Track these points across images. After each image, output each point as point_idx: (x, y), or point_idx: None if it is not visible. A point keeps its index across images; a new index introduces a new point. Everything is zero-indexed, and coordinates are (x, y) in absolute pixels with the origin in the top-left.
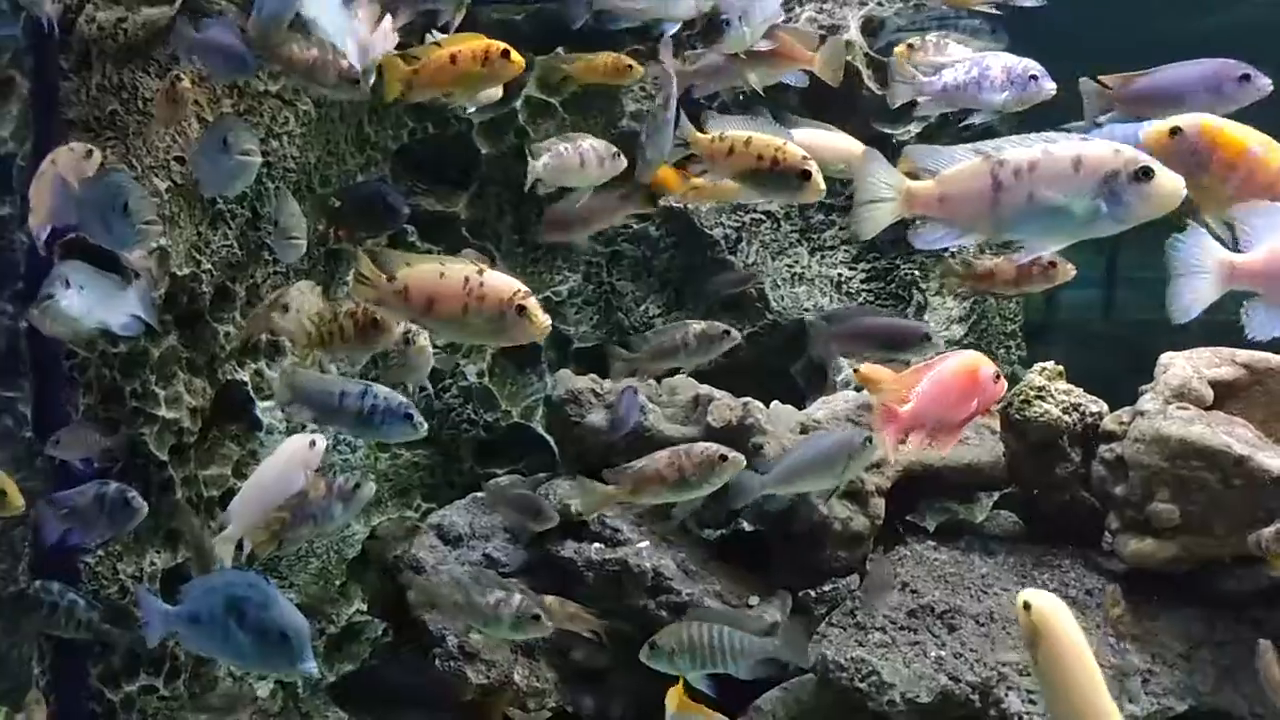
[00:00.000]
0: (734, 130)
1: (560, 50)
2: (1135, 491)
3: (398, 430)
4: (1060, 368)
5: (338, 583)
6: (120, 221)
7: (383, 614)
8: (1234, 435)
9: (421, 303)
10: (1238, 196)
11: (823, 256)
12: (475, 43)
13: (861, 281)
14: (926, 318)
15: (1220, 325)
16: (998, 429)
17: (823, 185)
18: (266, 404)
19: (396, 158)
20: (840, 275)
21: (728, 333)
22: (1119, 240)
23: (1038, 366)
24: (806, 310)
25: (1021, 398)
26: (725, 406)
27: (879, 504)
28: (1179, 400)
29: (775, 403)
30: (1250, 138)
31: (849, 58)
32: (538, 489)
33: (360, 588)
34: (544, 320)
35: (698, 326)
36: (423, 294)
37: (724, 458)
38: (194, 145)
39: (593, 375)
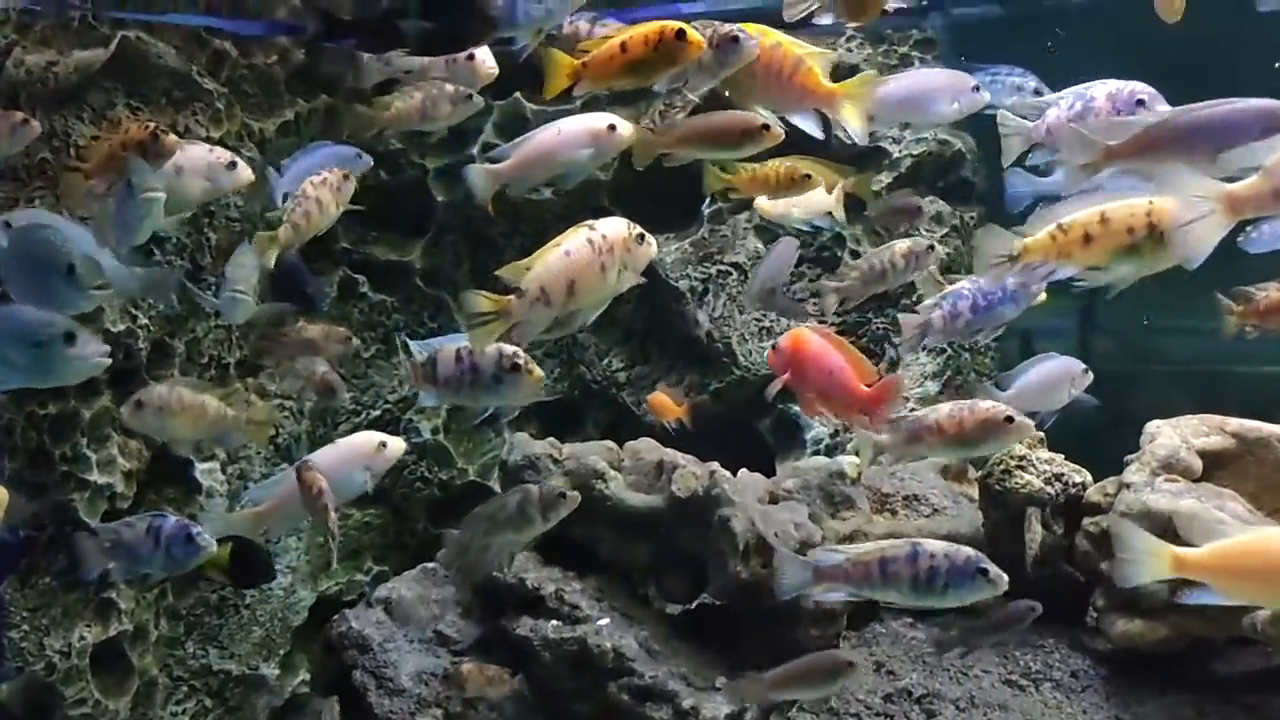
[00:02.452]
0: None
1: (519, 95)
2: None
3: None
4: (1041, 434)
5: (281, 653)
6: (64, 284)
7: (327, 691)
8: (1225, 510)
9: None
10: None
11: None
12: (645, 27)
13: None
14: (899, 374)
15: (1206, 375)
16: (976, 498)
17: None
18: (207, 465)
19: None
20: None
21: (932, 248)
22: (1095, 289)
23: None
24: None
25: (1001, 467)
26: (690, 475)
27: None
28: (1166, 472)
29: (743, 471)
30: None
31: None
32: (491, 549)
33: (307, 658)
34: None
35: (903, 245)
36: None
37: (1010, 420)
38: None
39: (551, 440)
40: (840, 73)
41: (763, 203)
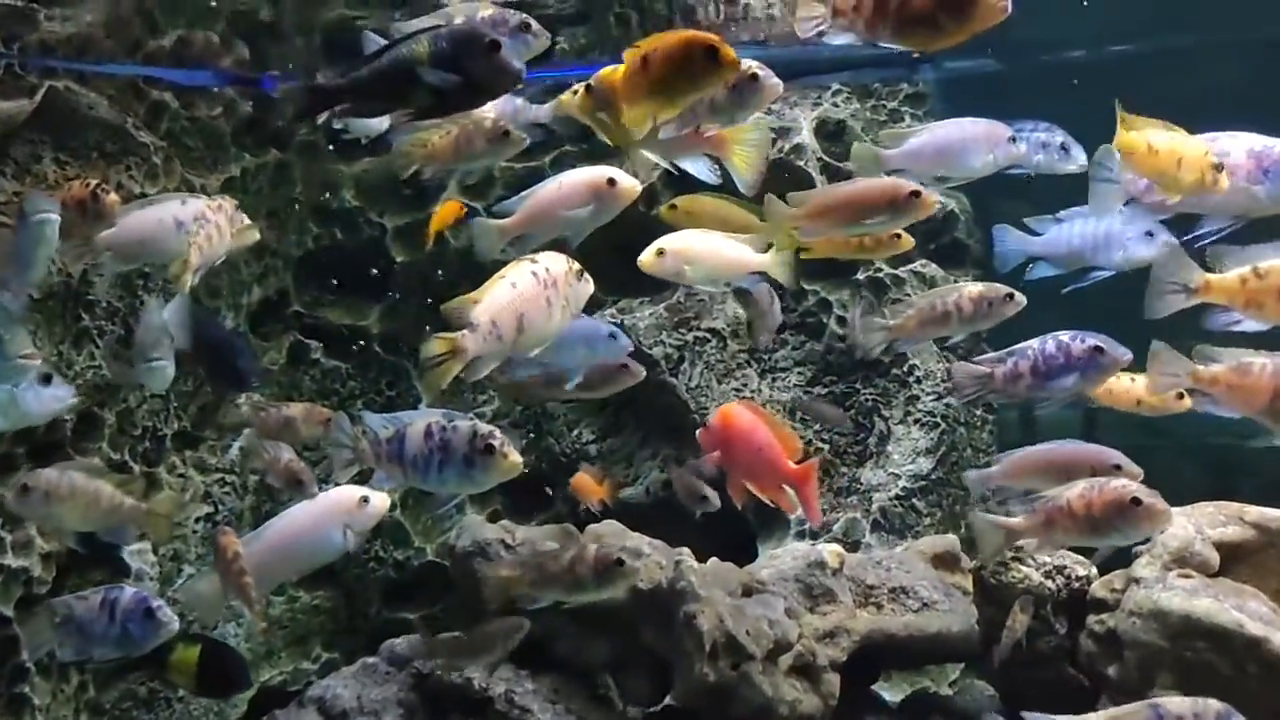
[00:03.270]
0: None
1: None
2: (1132, 674)
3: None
4: None
5: None
6: None
7: None
8: (1246, 610)
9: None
10: None
11: (774, 379)
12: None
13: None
14: (890, 449)
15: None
16: (970, 590)
17: None
18: (137, 547)
19: (300, 266)
20: (794, 400)
21: (1011, 296)
22: None
23: None
24: None
25: (997, 558)
26: (654, 565)
27: (833, 681)
28: (1179, 565)
29: (713, 560)
30: None
31: (801, 162)
32: (436, 651)
33: None
34: None
35: (974, 288)
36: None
37: (1136, 501)
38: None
39: (504, 523)
40: (827, 129)
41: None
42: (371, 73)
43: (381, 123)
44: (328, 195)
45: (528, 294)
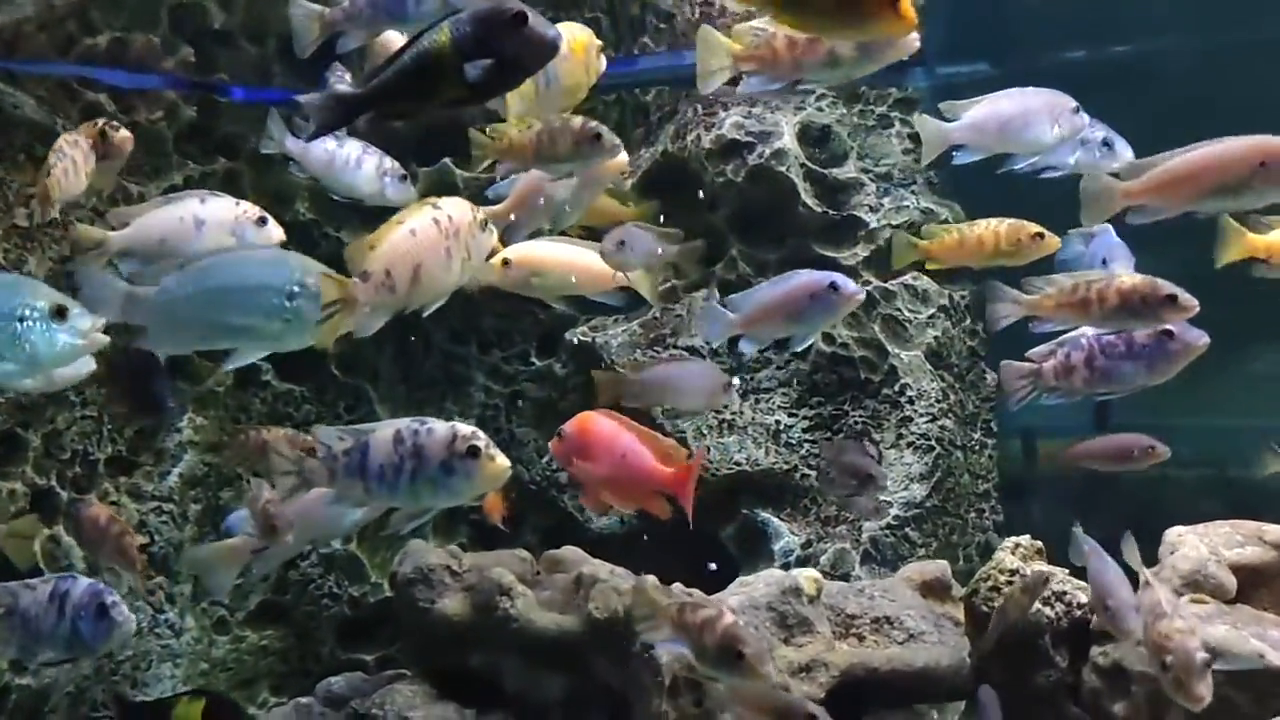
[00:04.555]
0: None
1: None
2: (1141, 712)
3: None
4: (1039, 545)
5: None
6: None
7: None
8: (1267, 640)
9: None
10: None
11: (757, 401)
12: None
13: (804, 430)
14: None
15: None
16: (961, 622)
17: None
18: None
19: None
20: (778, 423)
21: (1174, 298)
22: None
23: (1009, 542)
24: (738, 464)
25: (990, 584)
26: (611, 592)
27: None
28: (1192, 590)
29: (677, 586)
30: None
31: (782, 169)
32: (375, 693)
33: None
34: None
35: (1132, 280)
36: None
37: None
38: None
39: (451, 548)
40: (812, 134)
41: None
42: (397, 74)
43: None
44: (279, 207)
45: (427, 242)
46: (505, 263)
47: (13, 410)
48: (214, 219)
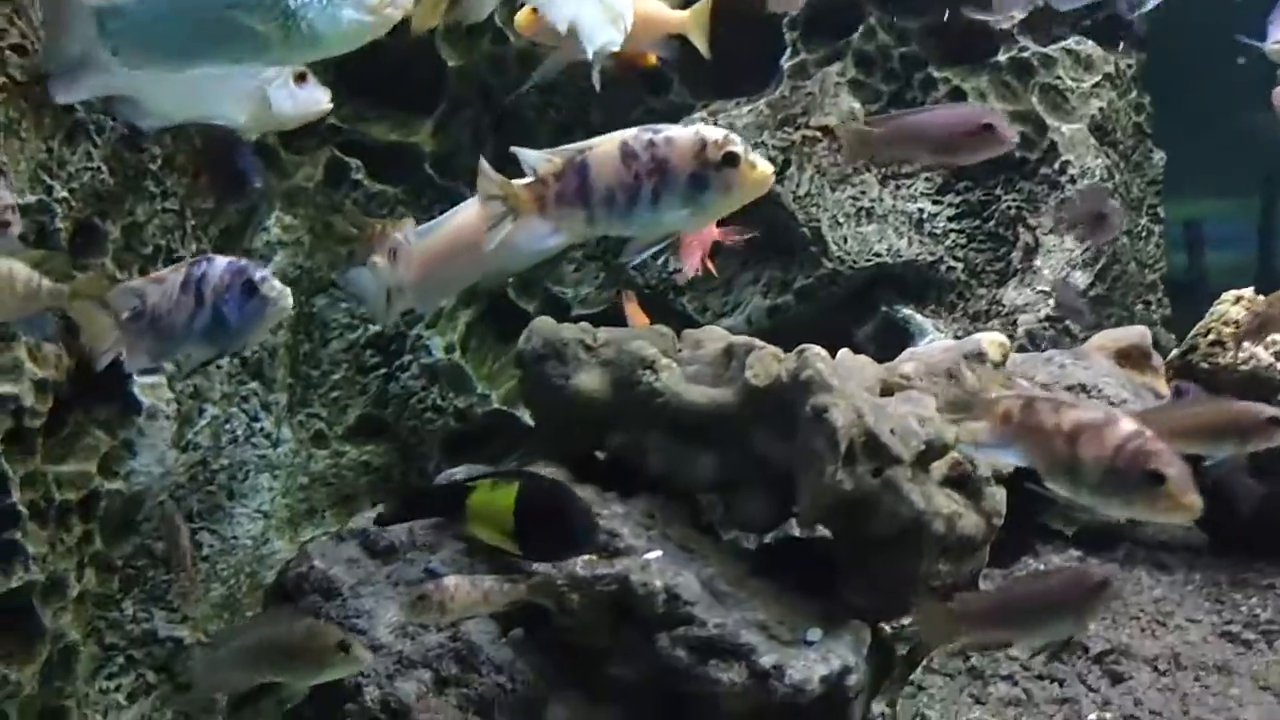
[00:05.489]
0: None
1: None
2: None
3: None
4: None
5: (248, 615)
6: None
7: None
8: None
9: None
10: None
11: (898, 187)
12: None
13: (950, 219)
14: (1039, 263)
15: None
16: (1163, 393)
17: None
18: (150, 380)
19: (338, 74)
20: (921, 211)
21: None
22: None
23: (1231, 295)
24: (877, 255)
25: (1210, 338)
26: (771, 357)
27: (998, 496)
28: None
29: (844, 351)
30: None
31: None
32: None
33: None
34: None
35: None
36: None
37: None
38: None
39: (583, 324)
40: None
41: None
42: None
43: None
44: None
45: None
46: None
47: (89, 198)
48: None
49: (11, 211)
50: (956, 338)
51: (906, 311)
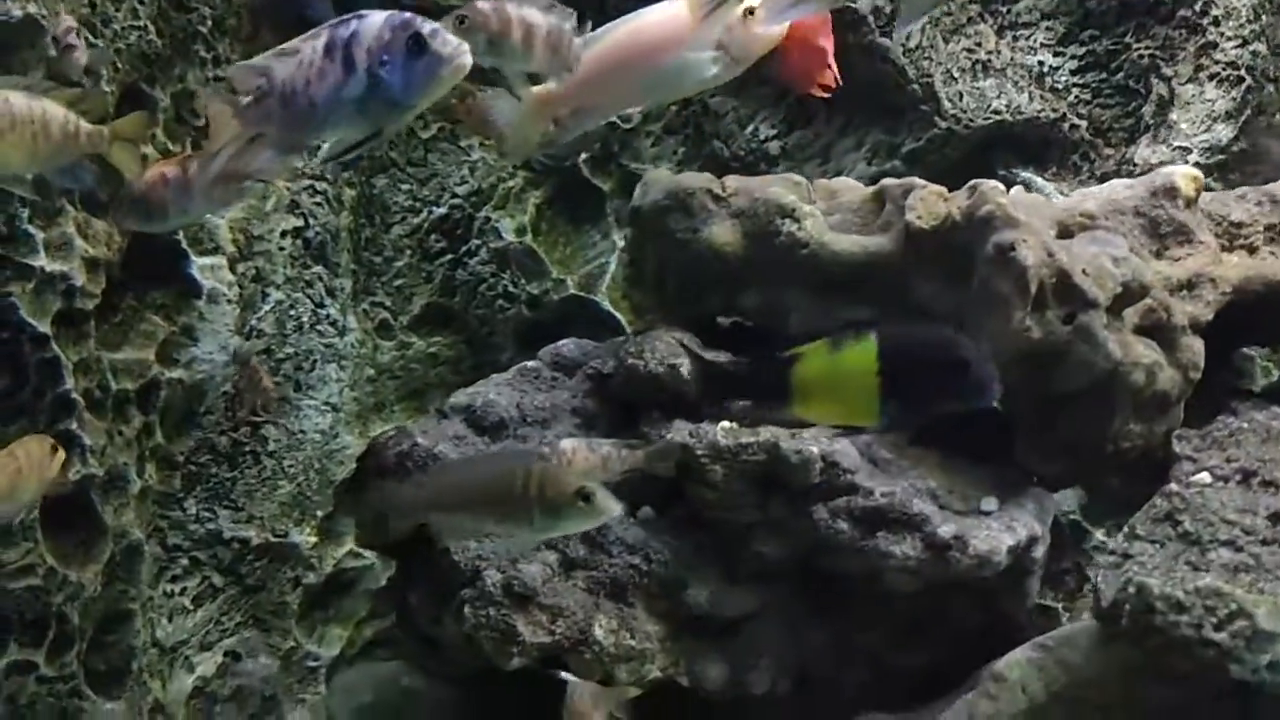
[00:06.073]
0: None
1: None
2: None
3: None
4: None
5: (319, 514)
6: None
7: (385, 548)
8: None
9: None
10: None
11: (1015, 37)
12: None
13: (1073, 72)
14: (1174, 116)
15: None
16: None
17: None
18: (209, 260)
19: None
20: (1042, 64)
21: None
22: None
23: None
24: (996, 113)
25: None
26: (936, 196)
27: (1195, 347)
28: None
29: (1017, 188)
30: None
31: None
32: (627, 344)
33: (354, 522)
34: None
35: None
36: None
37: None
38: None
39: (707, 174)
40: None
41: None
42: None
43: None
44: None
45: None
46: None
47: (136, 61)
48: None
49: (75, 35)
50: None
51: (1026, 175)
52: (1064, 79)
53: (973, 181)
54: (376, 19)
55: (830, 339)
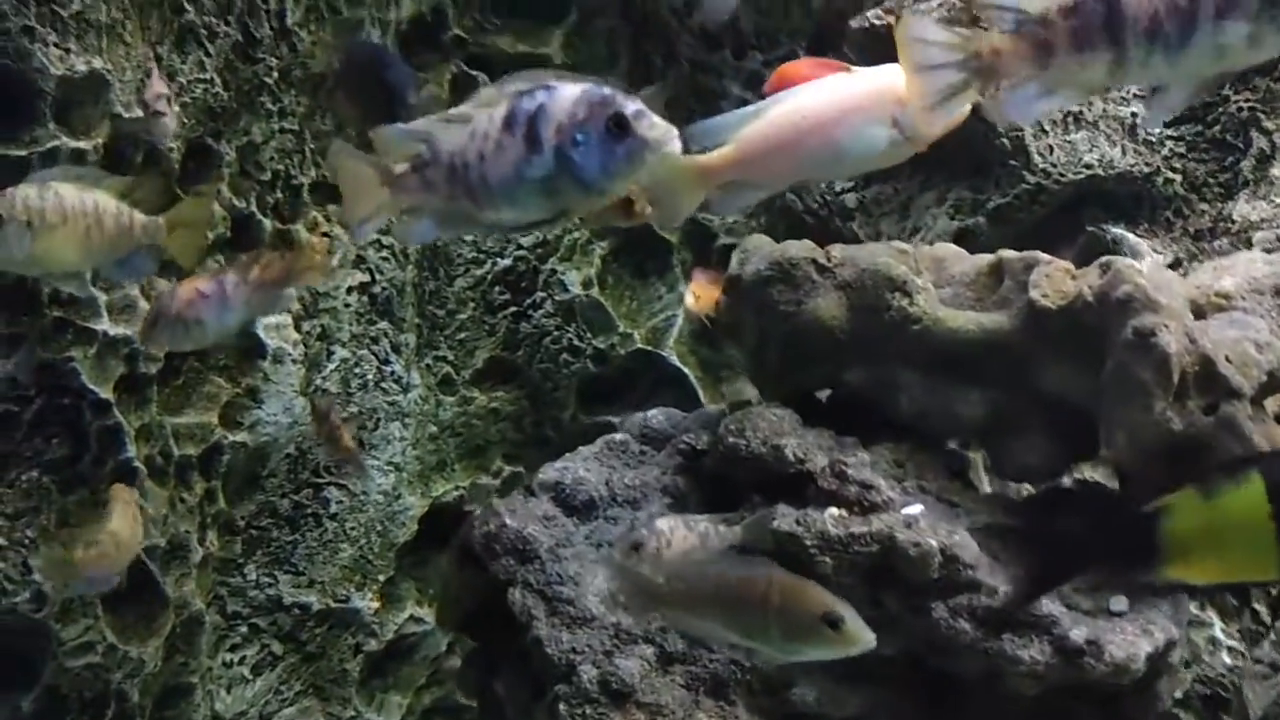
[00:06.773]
0: None
1: None
2: None
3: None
4: None
5: (381, 579)
6: None
7: (462, 623)
8: None
9: None
10: None
11: (1109, 90)
12: None
13: (1168, 124)
14: (1276, 172)
15: None
16: None
17: None
18: (275, 320)
19: None
20: (1134, 115)
21: None
22: None
23: None
24: (1088, 166)
25: None
26: (1063, 273)
27: None
28: None
29: (1149, 261)
30: None
31: None
32: (726, 420)
33: (415, 585)
34: None
35: None
36: None
37: None
38: None
39: (809, 242)
40: None
41: None
42: None
43: None
44: None
45: None
46: None
47: (201, 115)
48: None
49: (165, 102)
50: (1178, 259)
51: (1117, 231)
52: (1158, 132)
53: (1105, 259)
54: (569, 93)
55: (1196, 485)
